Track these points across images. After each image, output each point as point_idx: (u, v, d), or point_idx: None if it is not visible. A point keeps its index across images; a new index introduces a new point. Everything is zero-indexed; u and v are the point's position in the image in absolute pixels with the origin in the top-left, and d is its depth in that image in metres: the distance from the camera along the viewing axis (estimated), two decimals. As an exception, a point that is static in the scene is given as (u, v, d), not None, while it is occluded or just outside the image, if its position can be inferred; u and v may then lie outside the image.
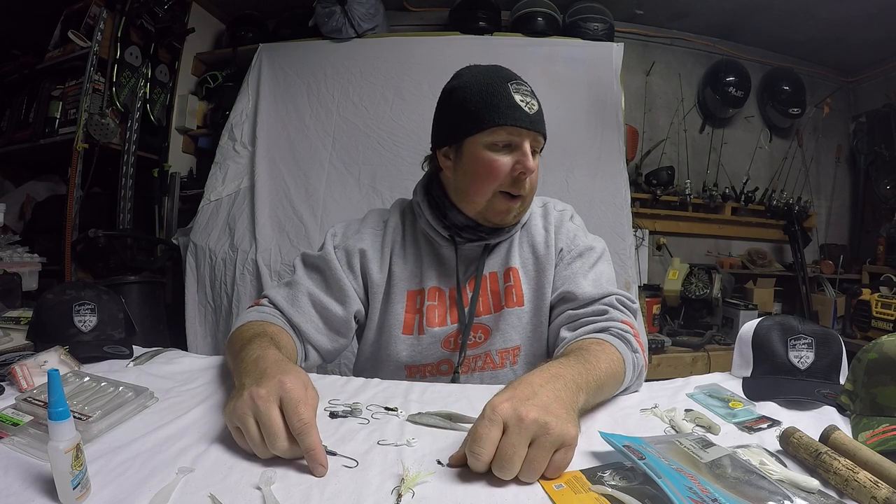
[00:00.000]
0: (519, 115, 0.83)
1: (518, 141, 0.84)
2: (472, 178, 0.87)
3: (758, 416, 0.68)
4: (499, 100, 0.83)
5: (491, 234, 0.92)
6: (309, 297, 0.89)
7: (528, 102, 0.84)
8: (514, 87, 0.85)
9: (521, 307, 0.92)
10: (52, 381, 0.45)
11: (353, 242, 0.94)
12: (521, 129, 0.83)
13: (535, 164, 0.86)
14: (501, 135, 0.83)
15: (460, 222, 0.91)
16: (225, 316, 2.21)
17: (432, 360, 0.93)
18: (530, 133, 0.84)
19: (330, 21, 2.46)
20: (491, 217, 0.89)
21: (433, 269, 0.94)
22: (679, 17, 3.06)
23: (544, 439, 0.50)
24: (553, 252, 0.93)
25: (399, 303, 0.93)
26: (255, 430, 0.53)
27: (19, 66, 2.60)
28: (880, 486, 0.47)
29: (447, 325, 0.92)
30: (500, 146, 0.84)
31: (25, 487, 0.48)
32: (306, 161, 2.38)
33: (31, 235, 2.46)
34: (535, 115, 0.85)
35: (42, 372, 0.74)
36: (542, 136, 0.87)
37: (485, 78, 0.87)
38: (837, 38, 3.03)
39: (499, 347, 0.93)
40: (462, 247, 0.92)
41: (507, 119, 0.82)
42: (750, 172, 3.20)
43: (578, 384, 0.61)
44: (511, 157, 0.84)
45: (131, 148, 2.46)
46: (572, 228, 0.96)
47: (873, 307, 2.55)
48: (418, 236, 0.96)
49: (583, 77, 2.41)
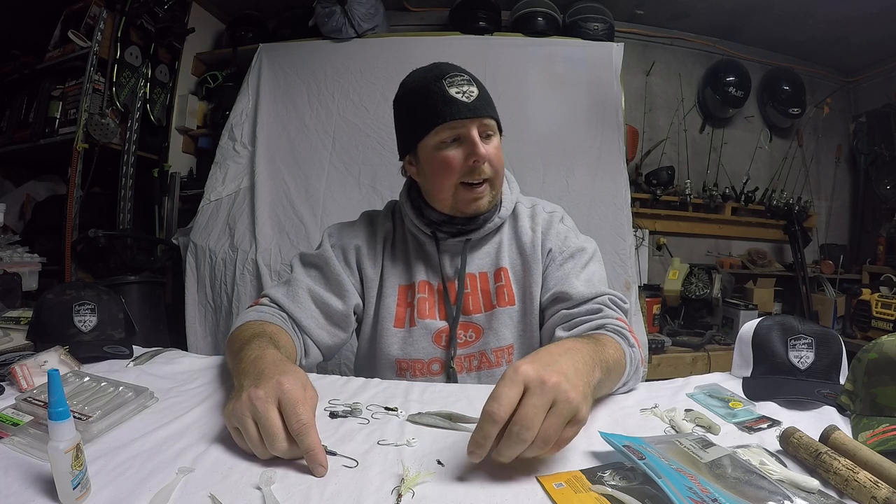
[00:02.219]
0: (456, 108, 0.84)
1: (464, 132, 0.86)
2: (432, 178, 0.90)
3: (758, 416, 0.68)
4: (435, 99, 0.86)
5: (468, 226, 0.94)
6: (309, 293, 0.91)
7: (466, 91, 0.85)
8: (448, 81, 0.86)
9: (511, 306, 0.94)
10: (52, 381, 0.45)
11: (348, 240, 0.97)
12: (462, 119, 0.85)
13: (495, 146, 0.88)
14: (445, 132, 0.86)
15: (437, 219, 0.94)
16: (225, 316, 2.21)
17: (422, 357, 0.93)
18: (474, 120, 0.85)
19: (330, 21, 2.46)
20: (463, 208, 0.91)
21: (421, 265, 0.97)
22: (679, 17, 3.06)
23: (563, 406, 0.49)
24: (539, 252, 0.95)
25: (391, 296, 0.95)
26: (254, 431, 0.53)
27: (19, 66, 2.60)
28: (880, 486, 0.47)
29: (437, 319, 0.94)
30: (448, 142, 0.87)
31: (25, 487, 0.48)
32: (306, 161, 2.38)
33: (31, 235, 2.46)
34: (476, 100, 0.86)
35: (42, 372, 0.74)
36: (489, 118, 0.88)
37: (420, 81, 0.89)
38: (837, 38, 3.03)
39: (493, 346, 0.94)
40: (444, 242, 0.95)
41: (445, 116, 0.85)
42: (750, 172, 3.20)
43: (594, 360, 0.61)
44: (462, 150, 0.86)
45: (131, 148, 2.46)
46: (563, 230, 0.97)
47: (873, 307, 2.55)
48: (407, 235, 0.99)
49: (583, 77, 2.41)
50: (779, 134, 3.42)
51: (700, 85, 3.28)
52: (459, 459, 0.55)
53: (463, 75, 0.88)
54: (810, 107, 3.29)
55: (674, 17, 3.08)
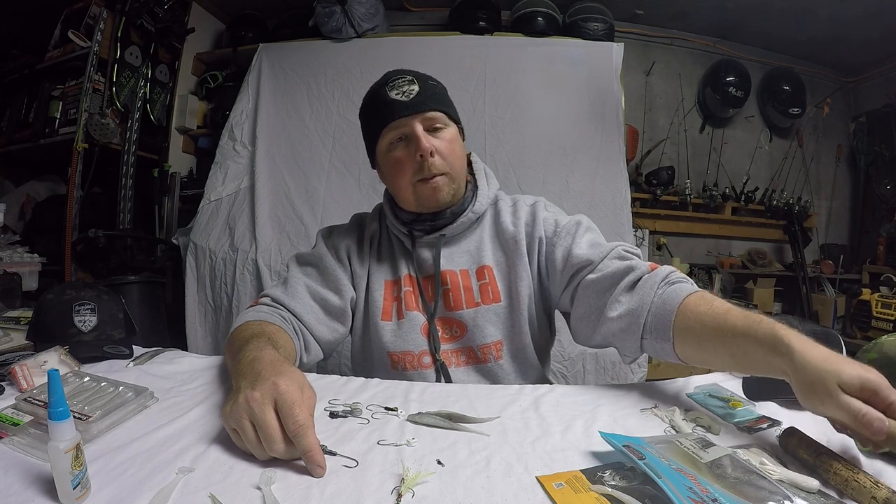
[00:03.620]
0: (394, 108, 0.87)
1: (407, 131, 0.88)
2: (391, 180, 0.94)
3: (758, 416, 0.68)
4: (378, 106, 0.90)
5: (438, 221, 0.94)
6: (307, 289, 0.93)
7: (406, 91, 0.88)
8: (389, 86, 0.89)
9: (498, 303, 0.94)
10: (52, 381, 0.45)
11: (339, 239, 1.00)
12: (402, 118, 0.87)
13: (446, 139, 0.89)
14: (390, 133, 0.89)
15: (407, 218, 0.96)
16: (225, 316, 2.21)
17: (412, 349, 0.94)
18: (414, 116, 0.87)
19: (330, 21, 2.46)
20: (426, 203, 0.92)
21: (404, 261, 0.98)
22: (679, 17, 3.07)
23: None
24: (524, 247, 0.94)
25: (378, 290, 0.97)
26: (251, 432, 0.53)
27: (19, 66, 2.60)
28: (880, 486, 0.47)
29: (420, 313, 0.95)
30: (396, 143, 0.90)
31: (25, 487, 0.48)
32: (306, 161, 2.38)
33: (31, 235, 2.46)
34: (416, 97, 0.87)
35: (42, 372, 0.74)
36: (433, 111, 0.89)
37: (370, 92, 0.94)
38: (837, 38, 3.03)
39: (479, 343, 0.93)
40: (420, 240, 0.96)
41: (386, 119, 0.88)
42: (750, 172, 3.20)
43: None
44: (410, 147, 0.88)
45: (131, 148, 2.47)
46: (549, 216, 0.96)
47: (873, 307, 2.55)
48: (391, 234, 1.01)
49: (583, 77, 2.41)
50: (779, 134, 3.42)
51: (700, 85, 3.28)
52: (459, 459, 0.55)
53: (405, 77, 0.90)
54: (810, 107, 3.29)
55: (674, 17, 3.08)
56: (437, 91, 0.92)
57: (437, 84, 0.94)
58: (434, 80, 0.94)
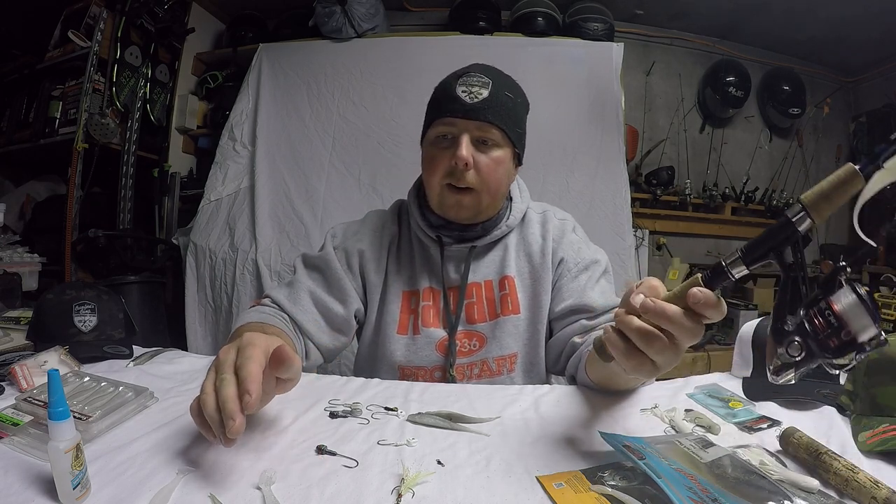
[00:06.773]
0: (455, 106, 0.83)
1: (454, 132, 0.84)
2: (424, 171, 0.90)
3: (758, 416, 0.68)
4: (442, 96, 0.86)
5: (470, 232, 0.92)
6: (310, 296, 0.90)
7: (473, 92, 0.83)
8: (462, 80, 0.85)
9: (517, 315, 0.92)
10: (52, 381, 0.45)
11: (351, 243, 0.94)
12: (454, 118, 0.83)
13: (492, 158, 0.85)
14: (439, 128, 0.86)
15: (437, 222, 0.92)
16: (225, 316, 2.21)
17: (426, 364, 0.92)
18: (467, 122, 0.83)
19: (330, 21, 2.46)
20: (446, 211, 0.89)
21: (425, 270, 0.94)
22: (679, 17, 3.06)
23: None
24: (550, 261, 0.93)
25: (394, 302, 0.93)
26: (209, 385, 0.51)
27: (19, 66, 2.60)
28: (880, 486, 0.47)
29: (440, 328, 0.92)
30: (442, 139, 0.86)
31: (25, 487, 0.48)
32: (306, 161, 2.38)
33: (31, 235, 2.46)
34: (479, 103, 0.82)
35: (42, 372, 0.74)
36: (488, 123, 0.83)
37: (446, 78, 0.89)
38: (838, 38, 3.03)
39: (495, 355, 0.92)
40: (448, 248, 0.92)
41: (441, 112, 0.85)
42: (750, 172, 3.20)
43: None
44: (451, 150, 0.84)
45: (131, 148, 2.47)
46: (575, 240, 0.96)
47: (873, 307, 2.55)
48: (412, 238, 0.96)
49: (583, 77, 2.41)
50: (779, 134, 3.41)
51: (700, 85, 3.28)
52: (459, 459, 0.55)
53: (482, 77, 0.85)
54: (810, 107, 3.29)
55: (674, 17, 3.08)
56: (508, 106, 0.85)
57: (512, 98, 0.87)
58: (513, 93, 0.87)
